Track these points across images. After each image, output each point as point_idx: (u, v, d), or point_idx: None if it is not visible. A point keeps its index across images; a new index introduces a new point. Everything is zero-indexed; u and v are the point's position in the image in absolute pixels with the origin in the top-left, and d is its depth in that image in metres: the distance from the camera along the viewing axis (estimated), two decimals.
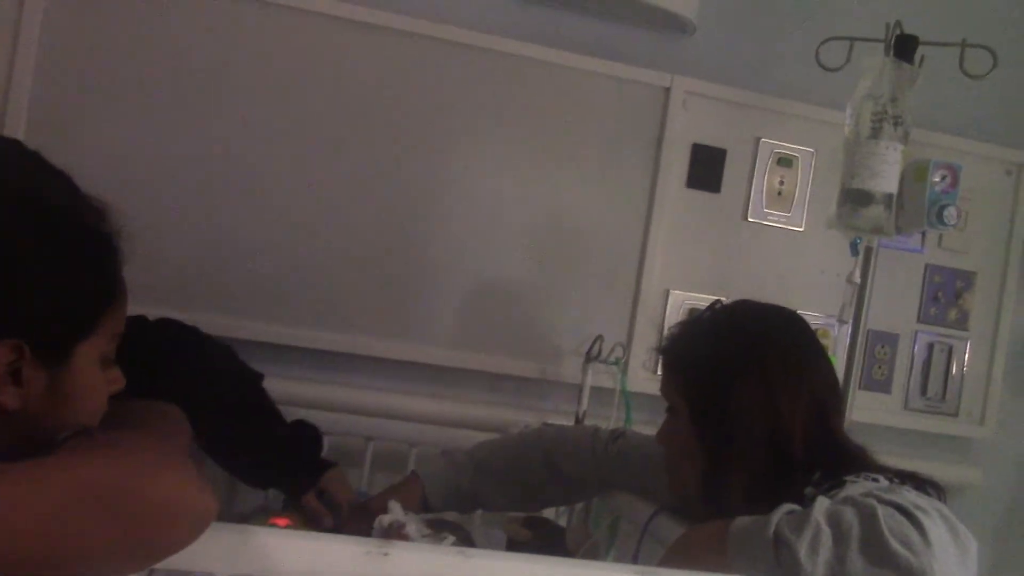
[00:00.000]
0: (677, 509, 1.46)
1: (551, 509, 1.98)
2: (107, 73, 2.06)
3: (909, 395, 2.51)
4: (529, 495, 1.72)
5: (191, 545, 0.89)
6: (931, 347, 2.52)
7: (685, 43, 2.39)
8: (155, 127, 2.08)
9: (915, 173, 1.87)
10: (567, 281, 2.30)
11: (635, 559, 1.47)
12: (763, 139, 2.39)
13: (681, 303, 2.35)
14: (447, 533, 1.36)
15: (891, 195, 1.85)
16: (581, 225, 2.30)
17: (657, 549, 1.36)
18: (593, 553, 1.67)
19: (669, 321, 2.30)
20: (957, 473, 2.46)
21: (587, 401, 2.23)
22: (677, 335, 1.49)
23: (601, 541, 1.69)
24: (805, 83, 2.29)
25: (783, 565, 1.09)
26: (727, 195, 2.38)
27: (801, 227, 2.42)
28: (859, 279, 1.96)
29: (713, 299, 1.57)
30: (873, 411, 2.42)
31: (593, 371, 2.23)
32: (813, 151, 2.42)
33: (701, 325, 1.48)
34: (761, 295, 1.54)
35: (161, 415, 1.18)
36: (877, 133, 1.83)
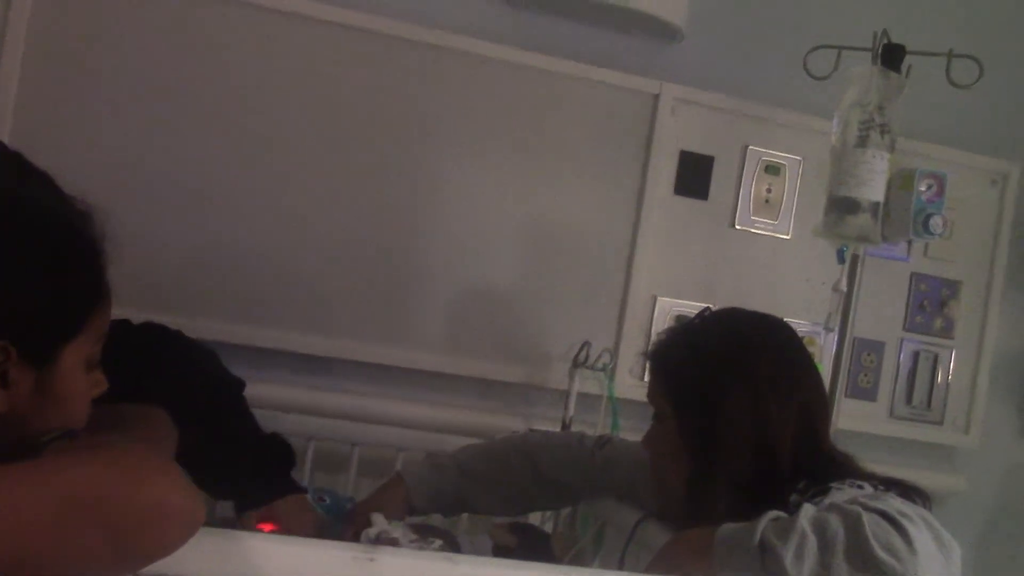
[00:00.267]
0: (663, 515, 1.46)
1: (537, 515, 1.97)
2: (93, 76, 2.05)
3: (894, 403, 2.52)
4: (513, 499, 1.71)
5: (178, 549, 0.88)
6: (916, 355, 2.52)
7: (674, 50, 2.40)
8: (141, 131, 2.07)
9: (901, 182, 1.88)
10: (554, 287, 2.29)
11: (621, 565, 1.47)
12: (751, 147, 2.40)
13: (668, 309, 2.35)
14: (434, 538, 1.36)
15: (877, 204, 1.85)
16: (569, 231, 2.30)
17: (643, 555, 1.37)
18: (579, 559, 1.67)
19: (656, 327, 2.30)
20: (942, 481, 2.47)
21: (574, 407, 2.23)
22: (666, 340, 1.49)
23: (587, 547, 1.69)
24: (793, 91, 2.29)
25: (769, 572, 1.10)
26: (715, 202, 2.38)
27: (788, 235, 2.42)
28: (845, 287, 1.96)
29: (701, 306, 1.58)
30: (859, 419, 2.43)
31: (580, 377, 2.23)
32: (800, 159, 2.42)
33: (690, 331, 1.48)
34: (748, 302, 1.55)
35: (148, 419, 1.18)
36: (864, 142, 1.83)
